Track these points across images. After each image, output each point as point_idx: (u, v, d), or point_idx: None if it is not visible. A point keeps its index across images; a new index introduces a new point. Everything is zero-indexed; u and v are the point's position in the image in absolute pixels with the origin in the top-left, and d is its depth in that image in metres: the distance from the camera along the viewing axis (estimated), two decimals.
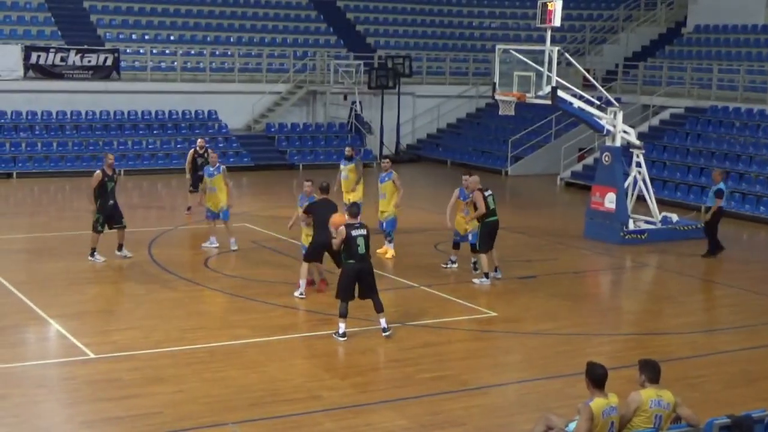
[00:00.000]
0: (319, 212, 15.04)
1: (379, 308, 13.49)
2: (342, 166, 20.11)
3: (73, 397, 11.21)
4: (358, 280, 13.33)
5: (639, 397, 8.57)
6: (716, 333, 14.88)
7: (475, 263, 17.27)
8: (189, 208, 22.54)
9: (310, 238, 15.53)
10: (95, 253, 17.69)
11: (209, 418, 10.50)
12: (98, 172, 17.54)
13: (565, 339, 14.02)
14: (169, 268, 17.36)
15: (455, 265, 17.70)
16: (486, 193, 16.51)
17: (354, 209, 13.87)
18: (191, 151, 21.92)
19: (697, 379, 12.39)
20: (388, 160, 19.89)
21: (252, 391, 11.37)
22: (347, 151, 20.45)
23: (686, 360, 13.24)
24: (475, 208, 16.48)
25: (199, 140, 22.62)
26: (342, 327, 13.37)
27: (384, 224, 18.78)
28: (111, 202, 17.53)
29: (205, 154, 21.60)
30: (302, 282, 15.47)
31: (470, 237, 16.97)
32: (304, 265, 15.47)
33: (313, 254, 15.34)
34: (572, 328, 14.54)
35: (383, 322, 13.52)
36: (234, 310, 14.96)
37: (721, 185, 19.85)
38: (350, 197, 19.34)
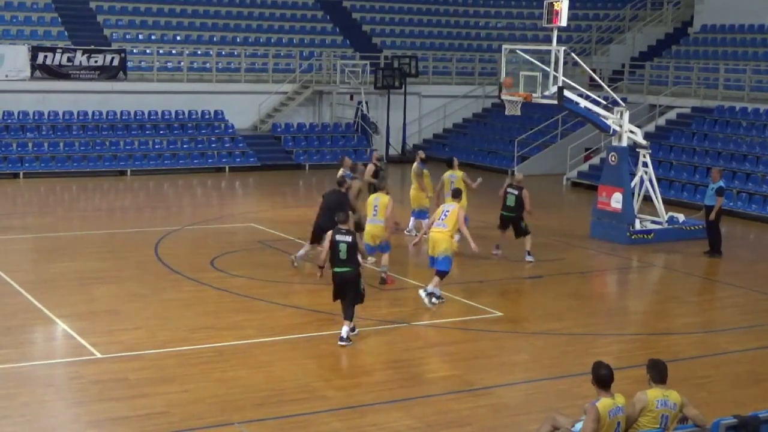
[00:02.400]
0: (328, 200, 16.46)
1: (347, 316, 13.13)
2: (425, 171, 19.89)
3: (79, 397, 11.23)
4: (340, 285, 13.10)
5: (645, 397, 8.57)
6: (723, 333, 14.85)
7: (430, 294, 15.11)
8: None
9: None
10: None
11: (215, 418, 10.52)
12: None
13: (572, 339, 14.01)
14: (176, 269, 17.39)
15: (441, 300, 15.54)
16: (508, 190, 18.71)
17: (342, 216, 13.46)
18: (371, 165, 21.30)
19: (704, 379, 12.37)
20: (455, 158, 19.91)
21: (258, 390, 11.38)
22: (422, 154, 20.44)
23: (693, 360, 13.22)
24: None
25: (375, 153, 22.32)
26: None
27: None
28: None
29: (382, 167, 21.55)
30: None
31: (440, 262, 15.11)
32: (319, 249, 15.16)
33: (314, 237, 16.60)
34: (579, 328, 14.53)
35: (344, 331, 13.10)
36: (240, 310, 14.96)
37: (721, 183, 19.87)
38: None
